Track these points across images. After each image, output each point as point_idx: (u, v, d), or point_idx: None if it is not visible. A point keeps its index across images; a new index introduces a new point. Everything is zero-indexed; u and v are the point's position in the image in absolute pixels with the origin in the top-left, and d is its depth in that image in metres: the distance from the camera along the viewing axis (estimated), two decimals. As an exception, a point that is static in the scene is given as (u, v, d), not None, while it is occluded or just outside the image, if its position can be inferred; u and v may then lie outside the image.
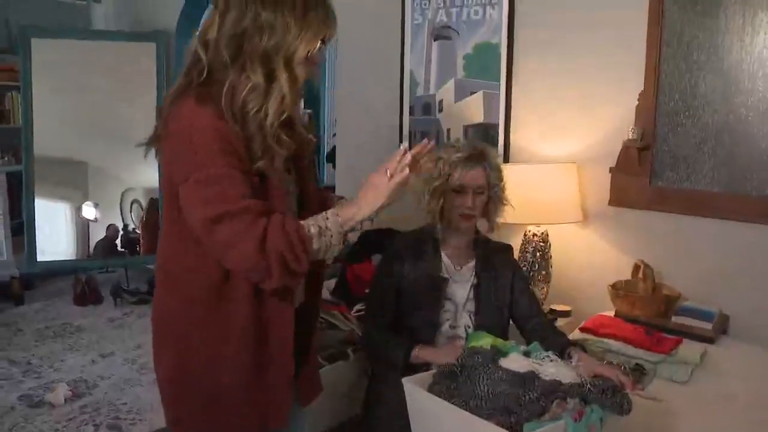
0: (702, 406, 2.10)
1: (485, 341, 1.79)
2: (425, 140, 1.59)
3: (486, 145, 2.25)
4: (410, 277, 2.18)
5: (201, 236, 1.45)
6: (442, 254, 2.22)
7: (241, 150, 1.43)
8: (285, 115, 1.49)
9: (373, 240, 3.04)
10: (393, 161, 1.50)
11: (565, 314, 3.02)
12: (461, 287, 2.21)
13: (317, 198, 1.74)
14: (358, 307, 2.76)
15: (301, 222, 1.45)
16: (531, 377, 1.57)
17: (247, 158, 1.45)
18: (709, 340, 2.52)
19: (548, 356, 1.69)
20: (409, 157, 1.50)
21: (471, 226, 2.20)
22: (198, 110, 1.42)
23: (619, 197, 3.01)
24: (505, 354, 1.69)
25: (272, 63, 1.46)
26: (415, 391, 1.64)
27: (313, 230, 1.45)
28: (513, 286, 2.25)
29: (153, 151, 1.58)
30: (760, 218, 2.67)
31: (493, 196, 2.19)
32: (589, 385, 1.56)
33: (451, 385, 1.63)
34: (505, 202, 2.23)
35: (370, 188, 1.51)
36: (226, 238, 1.40)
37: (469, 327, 2.18)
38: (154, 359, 1.65)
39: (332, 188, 4.22)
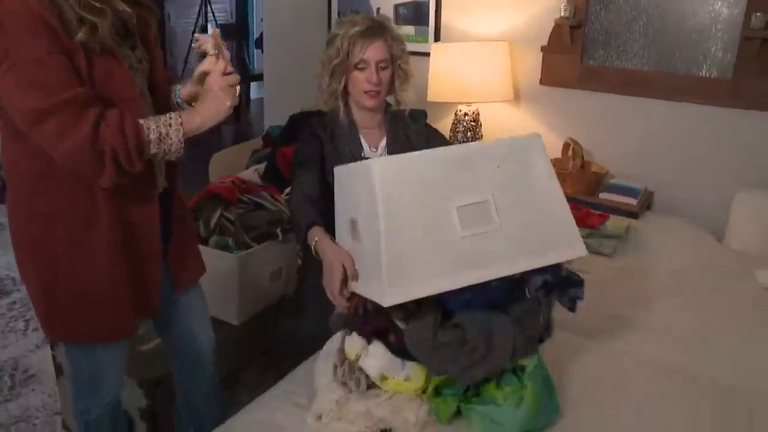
0: (626, 276, 2.19)
1: None
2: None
3: (385, 17, 2.10)
4: (331, 161, 2.05)
5: (24, 130, 1.33)
6: (360, 136, 2.10)
7: (58, 26, 1.29)
8: None
9: (303, 122, 2.96)
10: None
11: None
12: None
13: (165, 76, 1.63)
14: (288, 190, 2.70)
15: (142, 123, 1.35)
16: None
17: (65, 34, 1.30)
18: (634, 215, 2.60)
19: None
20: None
21: (379, 105, 2.06)
22: None
23: (550, 76, 3.00)
24: None
25: None
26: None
27: (153, 136, 1.36)
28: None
29: None
30: (686, 96, 2.71)
31: (397, 69, 2.04)
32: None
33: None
34: (411, 75, 2.09)
35: (213, 97, 1.44)
36: (52, 132, 1.29)
37: None
38: (18, 258, 1.54)
39: (260, 76, 4.08)
